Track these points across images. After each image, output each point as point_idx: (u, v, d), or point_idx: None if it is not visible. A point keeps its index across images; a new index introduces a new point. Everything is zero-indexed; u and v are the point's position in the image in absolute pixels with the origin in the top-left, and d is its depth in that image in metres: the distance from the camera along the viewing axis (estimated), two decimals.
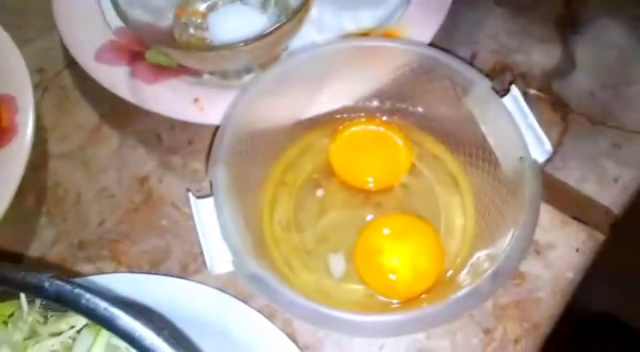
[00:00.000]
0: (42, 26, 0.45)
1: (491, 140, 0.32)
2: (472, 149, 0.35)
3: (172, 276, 0.35)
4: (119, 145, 0.40)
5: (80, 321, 0.25)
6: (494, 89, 0.33)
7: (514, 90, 0.32)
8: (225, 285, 0.34)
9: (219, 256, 0.29)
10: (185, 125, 0.40)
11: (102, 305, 0.19)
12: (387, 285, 0.34)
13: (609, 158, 0.39)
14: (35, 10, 0.46)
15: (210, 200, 0.30)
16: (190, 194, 0.31)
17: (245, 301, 0.33)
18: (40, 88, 0.43)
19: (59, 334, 0.25)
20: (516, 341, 0.33)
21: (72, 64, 0.43)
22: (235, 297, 0.33)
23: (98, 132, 0.41)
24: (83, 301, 0.19)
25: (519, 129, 0.31)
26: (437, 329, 0.34)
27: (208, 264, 0.29)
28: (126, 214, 0.38)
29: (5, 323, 0.26)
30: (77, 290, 0.19)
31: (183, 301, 0.32)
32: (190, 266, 0.36)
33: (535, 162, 0.30)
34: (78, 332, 0.25)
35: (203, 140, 0.40)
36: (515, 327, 0.34)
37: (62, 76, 0.43)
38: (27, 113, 0.37)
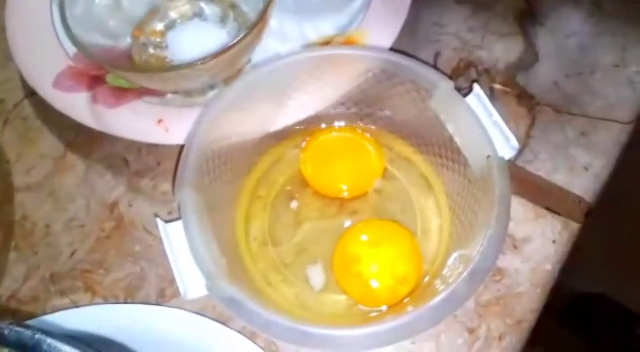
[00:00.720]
0: None
1: (458, 140, 0.32)
2: (442, 150, 0.35)
3: (148, 303, 0.34)
4: (86, 172, 0.39)
5: None
6: (457, 88, 0.33)
7: (477, 88, 0.32)
8: (203, 308, 0.34)
9: (192, 281, 0.29)
10: (152, 147, 0.40)
11: (64, 349, 0.18)
12: (367, 293, 0.33)
13: (578, 147, 0.39)
14: None
15: (180, 223, 0.30)
16: (158, 220, 0.30)
17: (224, 323, 0.32)
18: (0, 120, 0.42)
19: None
20: (500, 338, 0.33)
21: (31, 93, 0.42)
22: (214, 319, 0.32)
23: (63, 160, 0.40)
24: (45, 347, 0.18)
25: (484, 127, 0.31)
26: (423, 332, 0.34)
27: (181, 290, 0.29)
28: (97, 243, 0.37)
29: None
30: (37, 335, 0.18)
31: (161, 327, 0.31)
32: (167, 290, 0.35)
33: (502, 159, 0.30)
34: None
35: (172, 160, 0.39)
36: (498, 324, 0.34)
37: (22, 106, 0.42)
38: None
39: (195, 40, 0.40)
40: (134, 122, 0.37)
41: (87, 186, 0.39)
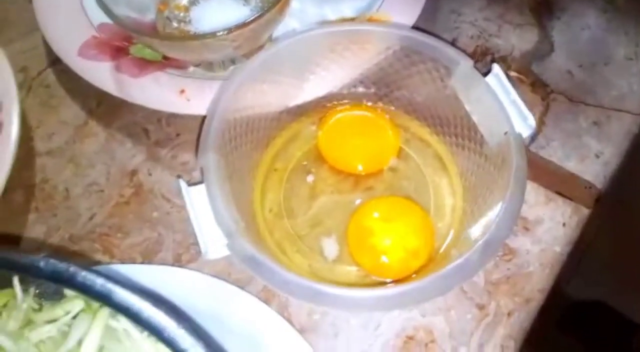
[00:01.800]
0: (23, 27, 0.45)
1: (476, 118, 0.33)
2: (457, 128, 0.35)
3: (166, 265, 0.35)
4: (106, 140, 0.40)
5: (75, 306, 0.25)
6: (476, 68, 0.33)
7: (496, 68, 0.33)
8: (219, 273, 0.34)
9: (213, 242, 0.29)
10: (171, 118, 0.41)
11: (98, 281, 0.19)
12: (380, 265, 0.34)
13: (590, 135, 0.40)
14: (15, 12, 0.46)
15: (202, 187, 0.31)
16: (181, 181, 0.31)
17: (240, 288, 0.33)
18: (24, 87, 0.42)
19: (55, 320, 0.25)
20: (509, 315, 0.34)
21: (55, 62, 0.43)
22: (230, 283, 0.33)
23: (84, 128, 0.41)
24: (79, 278, 0.19)
25: (502, 105, 0.31)
26: (431, 307, 0.34)
27: (202, 250, 0.29)
28: (116, 208, 0.38)
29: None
30: (72, 268, 0.19)
31: (178, 289, 0.32)
32: (184, 255, 0.36)
33: (519, 135, 0.31)
34: (74, 317, 0.25)
35: (191, 132, 0.40)
36: (507, 301, 0.34)
37: (45, 75, 0.43)
38: (12, 111, 0.37)
39: (218, 15, 0.41)
40: (156, 91, 0.38)
41: (108, 154, 0.40)
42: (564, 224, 0.37)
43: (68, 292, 0.25)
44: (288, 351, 0.31)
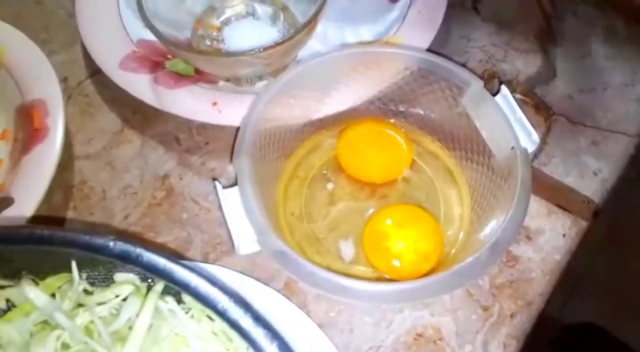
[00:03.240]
0: (64, 40, 0.49)
1: (484, 133, 0.36)
2: (467, 143, 0.38)
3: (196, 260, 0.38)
4: (141, 147, 0.43)
5: (125, 290, 0.28)
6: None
7: (504, 90, 0.36)
8: (245, 270, 0.37)
9: (244, 238, 0.32)
10: (201, 128, 0.44)
11: (161, 261, 0.22)
12: (392, 267, 0.37)
13: (589, 154, 0.43)
14: (56, 26, 0.50)
15: (235, 189, 0.34)
16: (217, 183, 0.34)
17: (265, 284, 0.36)
18: (64, 96, 0.45)
19: (105, 303, 0.28)
20: (512, 316, 0.37)
21: (93, 74, 0.47)
22: (255, 279, 0.36)
23: (120, 135, 0.44)
24: (144, 258, 0.22)
25: (509, 122, 0.35)
26: (440, 307, 0.37)
27: (235, 245, 0.32)
28: (149, 209, 0.41)
29: (53, 295, 0.28)
30: (138, 249, 0.22)
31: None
32: (211, 254, 0.39)
33: (525, 150, 0.34)
34: (124, 300, 0.28)
35: (219, 141, 0.43)
36: (510, 304, 0.37)
37: (85, 85, 0.47)
38: (57, 116, 0.40)
39: (248, 35, 0.44)
40: (191, 102, 0.41)
41: (142, 159, 0.43)
42: (563, 235, 0.39)
43: (117, 277, 0.28)
44: (309, 343, 0.34)
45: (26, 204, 0.37)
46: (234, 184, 0.34)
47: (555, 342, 0.87)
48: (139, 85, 0.42)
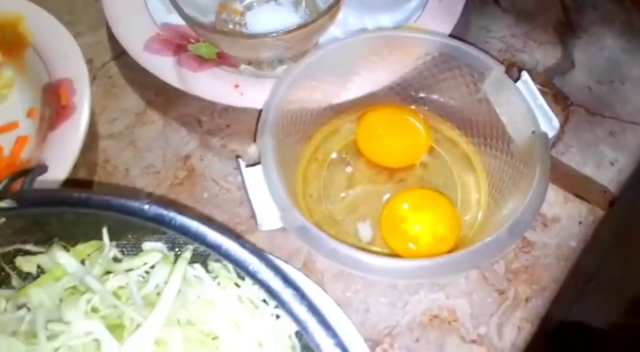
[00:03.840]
0: (89, 23, 0.49)
1: (504, 119, 0.37)
2: (487, 129, 0.39)
3: None
4: (163, 127, 0.44)
5: (153, 258, 0.28)
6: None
7: (525, 75, 0.37)
8: (265, 248, 0.38)
9: (267, 215, 0.33)
10: (222, 111, 0.45)
11: (194, 224, 0.23)
12: (409, 249, 0.37)
13: (606, 144, 0.43)
14: (82, 9, 0.51)
15: (258, 167, 0.34)
16: (240, 161, 0.35)
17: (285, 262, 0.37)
18: (89, 77, 0.46)
19: (133, 270, 0.29)
20: (527, 300, 0.37)
21: (118, 56, 0.47)
22: (276, 257, 0.36)
23: (143, 115, 0.45)
24: (178, 222, 0.23)
25: (530, 107, 0.35)
26: (455, 290, 0.37)
27: (258, 222, 0.33)
28: (171, 188, 0.41)
29: (83, 262, 0.29)
30: (172, 213, 0.23)
31: None
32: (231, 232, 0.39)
33: (545, 134, 0.34)
34: (152, 267, 0.28)
35: (240, 124, 0.44)
36: (525, 288, 0.38)
37: (109, 67, 0.47)
38: (84, 94, 0.41)
39: (271, 20, 0.45)
40: (214, 85, 0.42)
41: (164, 139, 0.44)
42: (579, 222, 0.40)
43: (145, 245, 0.29)
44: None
45: (53, 179, 0.37)
46: (257, 163, 0.35)
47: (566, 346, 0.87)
48: (163, 67, 0.43)
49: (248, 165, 0.35)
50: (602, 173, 0.42)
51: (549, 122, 0.35)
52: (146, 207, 0.23)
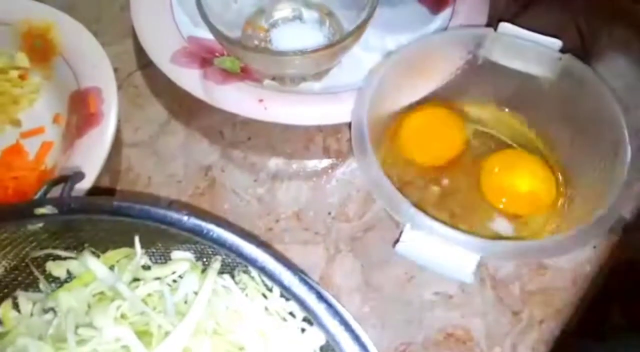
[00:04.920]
0: (116, 33, 0.51)
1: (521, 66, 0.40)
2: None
3: None
4: (186, 138, 0.45)
5: (181, 267, 0.29)
6: None
7: (502, 25, 0.40)
8: None
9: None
10: (244, 123, 0.45)
11: (230, 237, 0.23)
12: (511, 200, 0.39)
13: None
14: (109, 19, 0.52)
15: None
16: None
17: None
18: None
19: (161, 278, 0.29)
20: (541, 322, 0.38)
21: (143, 66, 0.49)
22: None
23: (167, 126, 0.46)
24: (215, 234, 0.23)
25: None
26: (470, 310, 0.38)
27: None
28: (192, 198, 0.42)
29: (112, 268, 0.30)
30: (210, 224, 0.23)
31: None
32: None
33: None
34: (181, 277, 0.29)
35: (260, 138, 0.45)
36: (540, 311, 0.38)
37: (134, 77, 0.49)
38: (111, 103, 0.42)
39: (295, 38, 0.46)
40: (238, 98, 0.43)
41: (186, 150, 0.44)
42: (594, 247, 0.40)
43: (174, 254, 0.30)
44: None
45: (79, 184, 0.38)
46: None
47: None
48: (189, 79, 0.44)
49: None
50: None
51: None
52: (185, 218, 0.24)
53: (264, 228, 0.41)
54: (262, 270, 0.23)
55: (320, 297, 0.22)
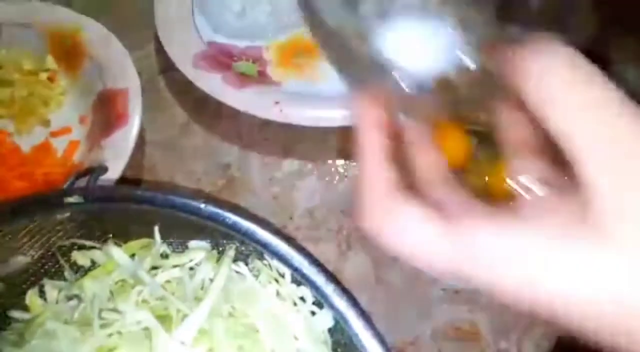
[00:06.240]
0: (139, 38, 0.53)
1: None
2: None
3: None
4: (205, 139, 0.47)
5: (198, 255, 0.31)
6: None
7: None
8: None
9: None
10: (261, 125, 0.47)
11: (244, 224, 0.25)
12: None
13: None
14: (132, 25, 0.54)
15: None
16: None
17: None
18: None
19: (179, 266, 0.31)
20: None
21: (165, 71, 0.51)
22: None
23: (187, 127, 0.48)
24: (228, 220, 0.25)
25: None
26: (477, 305, 0.39)
27: None
28: (211, 194, 0.44)
29: (133, 256, 0.32)
30: (226, 212, 0.25)
31: None
32: None
33: None
34: (197, 264, 0.31)
35: (277, 139, 0.47)
36: None
37: (156, 81, 0.51)
38: (136, 105, 0.44)
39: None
40: (255, 101, 0.45)
41: (206, 150, 0.46)
42: None
43: (191, 244, 0.32)
44: None
45: (106, 177, 0.40)
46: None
47: None
48: (210, 82, 0.46)
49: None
50: None
51: None
52: (203, 206, 0.26)
53: (278, 225, 0.43)
54: (276, 254, 0.24)
55: (330, 277, 0.24)
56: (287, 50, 0.51)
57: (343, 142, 0.47)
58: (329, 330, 0.27)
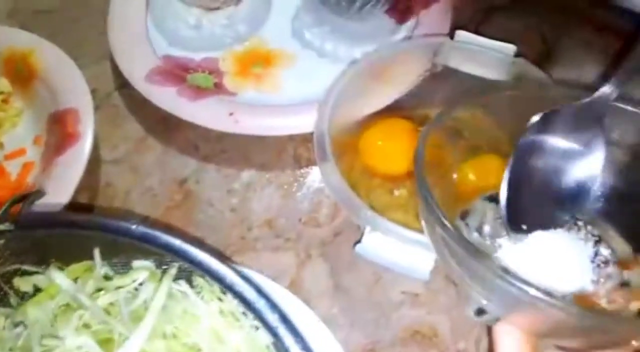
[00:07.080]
0: (94, 55, 0.52)
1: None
2: None
3: None
4: (162, 153, 0.47)
5: (141, 275, 0.30)
6: None
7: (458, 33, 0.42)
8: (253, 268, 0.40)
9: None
10: (219, 137, 0.47)
11: (177, 242, 0.25)
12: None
13: None
14: (88, 43, 0.54)
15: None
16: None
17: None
18: (93, 106, 0.49)
19: (123, 287, 0.31)
20: None
21: (120, 87, 0.50)
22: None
23: (144, 142, 0.47)
24: (162, 240, 0.25)
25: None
26: (436, 307, 0.39)
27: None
28: (168, 210, 0.44)
29: (75, 280, 0.31)
30: (156, 232, 0.25)
31: None
32: (225, 252, 0.42)
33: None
34: (140, 284, 0.30)
35: (234, 150, 0.46)
36: None
37: (112, 97, 0.50)
38: (88, 123, 0.44)
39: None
40: (210, 113, 0.45)
41: (163, 164, 0.46)
42: None
43: (135, 263, 0.31)
44: (311, 335, 0.36)
45: (57, 201, 0.40)
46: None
47: None
48: (164, 97, 0.46)
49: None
50: None
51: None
52: (134, 227, 0.25)
53: (237, 237, 0.43)
54: (208, 272, 0.24)
55: (261, 293, 0.23)
56: (245, 60, 0.51)
57: (300, 150, 0.47)
58: (274, 344, 0.27)
